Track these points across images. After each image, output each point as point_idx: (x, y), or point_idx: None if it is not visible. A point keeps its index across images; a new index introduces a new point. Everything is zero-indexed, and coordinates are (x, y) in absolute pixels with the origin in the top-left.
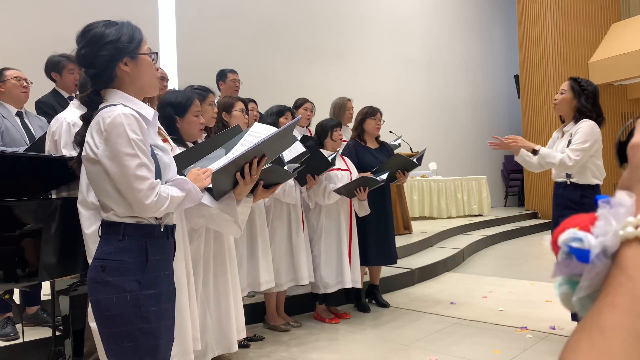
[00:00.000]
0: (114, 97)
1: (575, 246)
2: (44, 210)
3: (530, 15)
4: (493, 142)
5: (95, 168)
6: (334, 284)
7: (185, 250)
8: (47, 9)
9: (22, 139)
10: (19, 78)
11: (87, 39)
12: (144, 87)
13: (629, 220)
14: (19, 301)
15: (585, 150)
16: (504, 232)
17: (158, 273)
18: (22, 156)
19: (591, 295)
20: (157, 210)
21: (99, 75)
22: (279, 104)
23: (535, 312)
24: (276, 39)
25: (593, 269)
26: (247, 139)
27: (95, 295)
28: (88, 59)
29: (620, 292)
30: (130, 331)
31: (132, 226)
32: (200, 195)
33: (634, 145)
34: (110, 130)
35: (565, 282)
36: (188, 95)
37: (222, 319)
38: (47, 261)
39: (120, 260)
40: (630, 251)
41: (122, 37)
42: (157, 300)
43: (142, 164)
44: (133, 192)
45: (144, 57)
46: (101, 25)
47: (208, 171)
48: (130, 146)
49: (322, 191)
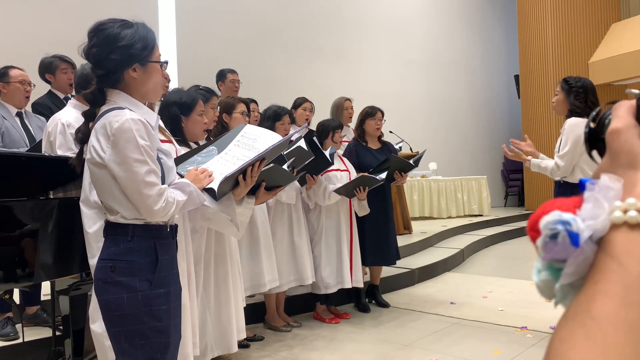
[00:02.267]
0: (119, 100)
1: (561, 229)
2: (41, 210)
3: (530, 15)
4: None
5: (101, 172)
6: (334, 284)
7: (187, 251)
8: (46, 9)
9: (21, 140)
10: (23, 82)
11: (100, 38)
12: (148, 93)
13: (616, 204)
14: (19, 301)
15: (567, 154)
16: (504, 232)
17: (167, 272)
18: (20, 156)
19: (573, 284)
20: (164, 215)
21: (106, 76)
22: (276, 105)
23: (535, 312)
24: (276, 39)
25: (581, 253)
26: (241, 140)
27: (104, 296)
28: (98, 58)
29: (612, 280)
30: (142, 330)
31: (140, 227)
32: (202, 197)
33: (614, 131)
34: (119, 136)
35: (545, 268)
36: (193, 95)
37: (222, 319)
38: (43, 261)
39: (130, 260)
40: (619, 236)
41: (136, 44)
42: (167, 299)
43: (151, 170)
44: (142, 198)
45: (154, 64)
46: (117, 25)
47: (206, 171)
48: (139, 152)
49: (322, 192)
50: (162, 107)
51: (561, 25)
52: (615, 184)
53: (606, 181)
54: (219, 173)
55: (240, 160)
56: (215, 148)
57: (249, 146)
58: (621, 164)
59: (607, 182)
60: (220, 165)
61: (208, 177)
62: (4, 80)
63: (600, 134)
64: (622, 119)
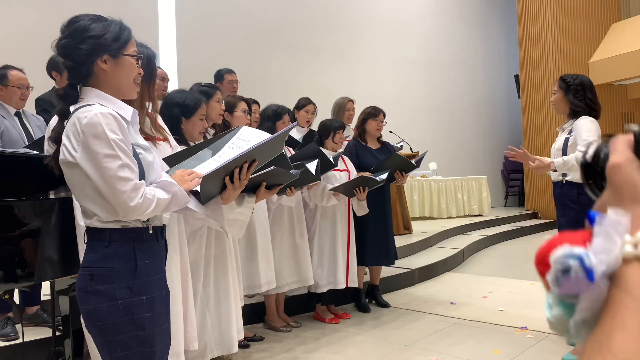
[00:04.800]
0: (90, 96)
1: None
2: (41, 210)
3: (530, 15)
4: (510, 153)
5: (74, 172)
6: (324, 284)
7: (181, 250)
8: (46, 8)
9: (21, 139)
10: (21, 86)
11: (70, 29)
12: (121, 88)
13: (626, 238)
14: (19, 301)
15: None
16: (504, 232)
17: (149, 277)
18: (20, 156)
19: (586, 319)
20: (142, 213)
21: (76, 69)
22: (276, 104)
23: (535, 312)
24: (276, 39)
25: (596, 289)
26: (235, 142)
27: (85, 305)
28: (67, 50)
29: (628, 315)
30: (124, 340)
31: (117, 231)
32: (186, 198)
33: (614, 165)
34: (88, 132)
35: (557, 304)
36: (197, 98)
37: (222, 319)
38: (44, 261)
39: (108, 267)
40: (631, 270)
41: (106, 35)
42: (151, 306)
43: (124, 165)
44: (116, 194)
45: (127, 58)
46: (88, 18)
47: (194, 173)
48: (109, 147)
49: (321, 192)
50: (164, 106)
51: (561, 25)
52: (623, 218)
53: (614, 215)
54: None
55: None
56: (210, 151)
57: (241, 148)
58: (625, 198)
59: (616, 217)
60: (212, 168)
61: (195, 178)
62: (2, 82)
63: (596, 166)
64: (622, 154)
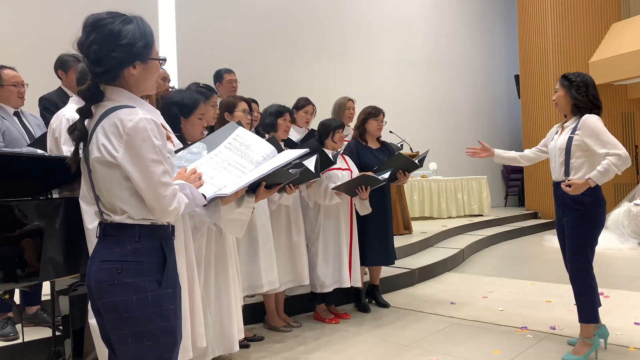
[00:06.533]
0: (121, 97)
1: None
2: (45, 210)
3: (530, 15)
4: (470, 151)
5: (112, 172)
6: (330, 284)
7: (186, 246)
8: (47, 8)
9: (22, 139)
10: (16, 84)
11: (101, 34)
12: (145, 89)
13: None
14: (19, 301)
15: (614, 140)
16: (504, 232)
17: (174, 272)
18: (22, 156)
19: None
20: (176, 216)
21: (104, 74)
22: (278, 104)
23: (535, 312)
24: (276, 39)
25: None
26: (233, 143)
27: (110, 298)
28: (98, 56)
29: None
30: (152, 330)
31: (147, 227)
32: (201, 200)
33: None
34: (134, 135)
35: None
36: (195, 97)
37: (223, 318)
38: (48, 261)
39: (139, 261)
40: None
41: (138, 42)
42: (174, 299)
43: (166, 171)
44: (158, 198)
45: (153, 62)
46: (118, 21)
47: (196, 173)
48: (155, 152)
49: (323, 191)
50: (163, 106)
51: (561, 25)
52: None
53: None
54: (208, 176)
55: (231, 166)
56: (205, 145)
57: (241, 152)
58: None
59: None
60: (210, 167)
61: (198, 179)
62: None
63: None
64: None
